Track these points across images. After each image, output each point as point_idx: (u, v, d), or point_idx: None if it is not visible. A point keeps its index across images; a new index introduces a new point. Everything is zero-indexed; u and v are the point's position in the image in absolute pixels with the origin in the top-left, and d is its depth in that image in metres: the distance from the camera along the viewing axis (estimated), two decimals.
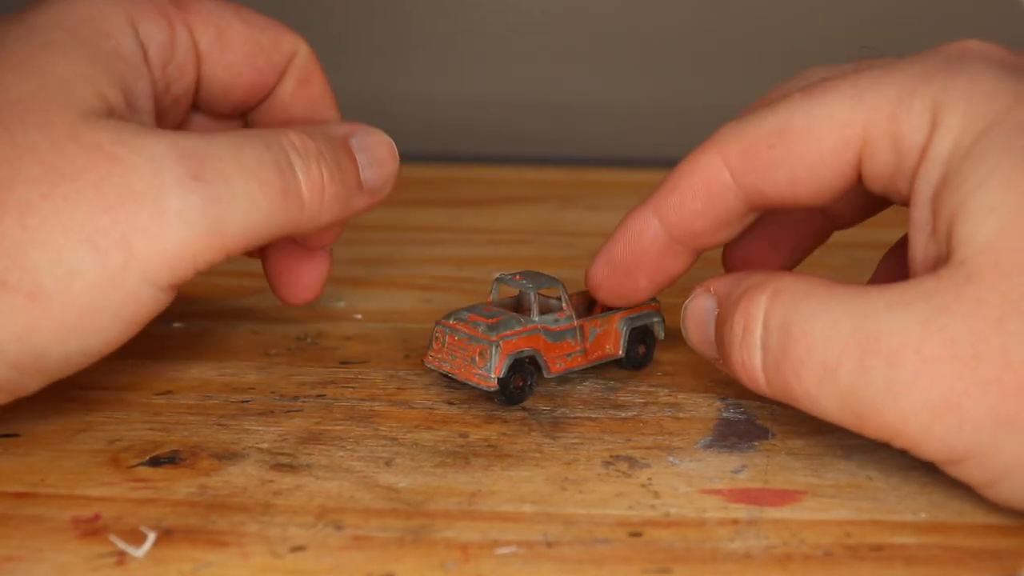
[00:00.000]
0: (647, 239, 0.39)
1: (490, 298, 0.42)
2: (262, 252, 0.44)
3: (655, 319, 0.42)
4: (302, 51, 0.42)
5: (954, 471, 0.32)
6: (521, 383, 0.39)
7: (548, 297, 0.41)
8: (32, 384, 0.35)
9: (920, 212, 0.33)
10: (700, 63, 0.74)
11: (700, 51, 0.74)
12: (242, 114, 0.43)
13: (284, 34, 0.42)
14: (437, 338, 0.40)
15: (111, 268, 0.33)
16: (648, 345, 0.42)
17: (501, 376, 0.39)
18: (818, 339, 0.32)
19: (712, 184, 0.37)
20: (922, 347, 0.31)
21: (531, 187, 0.68)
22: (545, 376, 0.40)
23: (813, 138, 0.35)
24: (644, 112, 0.73)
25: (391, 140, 0.40)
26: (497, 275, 0.42)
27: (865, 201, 0.40)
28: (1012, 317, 0.30)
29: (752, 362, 0.34)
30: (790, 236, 0.42)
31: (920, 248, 0.34)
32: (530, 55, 0.75)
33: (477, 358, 0.39)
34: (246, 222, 0.35)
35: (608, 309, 0.42)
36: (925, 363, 0.31)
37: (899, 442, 0.32)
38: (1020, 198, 0.31)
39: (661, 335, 0.43)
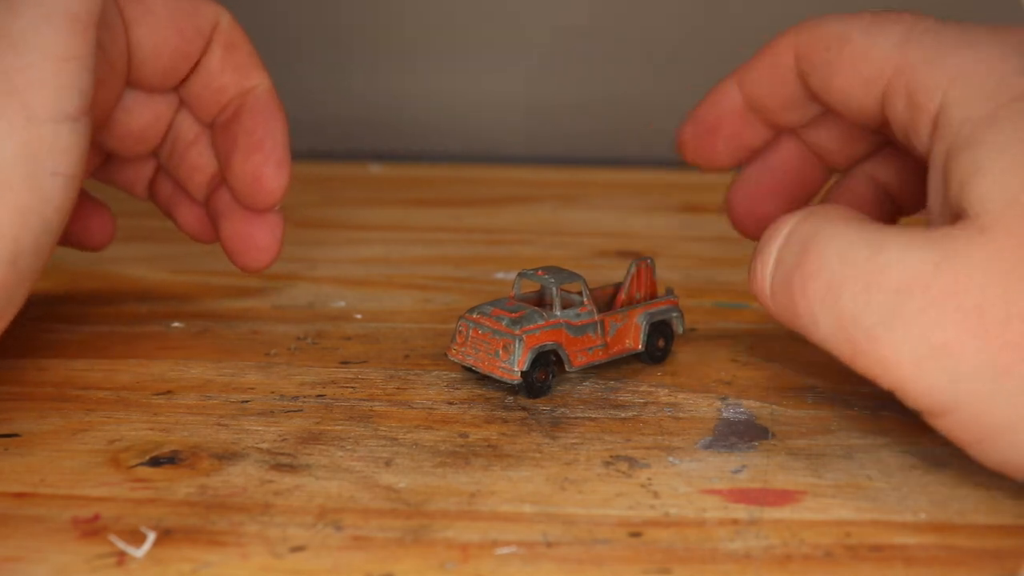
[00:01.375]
0: (726, 102, 0.42)
1: (512, 293, 0.42)
2: (214, 222, 0.45)
3: (674, 314, 0.43)
4: (225, 18, 0.43)
5: (940, 424, 0.32)
6: (544, 376, 0.40)
7: (569, 292, 0.42)
8: (18, 297, 0.35)
9: (935, 175, 0.35)
10: (700, 63, 0.74)
11: (700, 51, 0.74)
12: (173, 87, 0.43)
13: (203, 2, 0.42)
14: (461, 332, 0.41)
15: (20, 124, 0.34)
16: (667, 339, 0.43)
17: (524, 369, 0.39)
18: (830, 258, 0.33)
19: (780, 64, 0.40)
20: (930, 286, 0.31)
21: (531, 187, 0.68)
22: (567, 370, 0.41)
23: (857, 58, 0.37)
24: (644, 112, 0.73)
25: None
26: (520, 270, 0.42)
27: (917, 180, 0.42)
28: (1020, 272, 0.30)
29: (764, 271, 0.35)
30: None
31: (937, 211, 0.35)
32: (530, 55, 0.75)
33: (501, 351, 0.39)
34: None
35: (629, 304, 0.43)
36: (931, 302, 0.31)
37: (887, 379, 0.32)
38: None
39: (680, 329, 0.43)
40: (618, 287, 0.43)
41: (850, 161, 0.43)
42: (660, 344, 0.43)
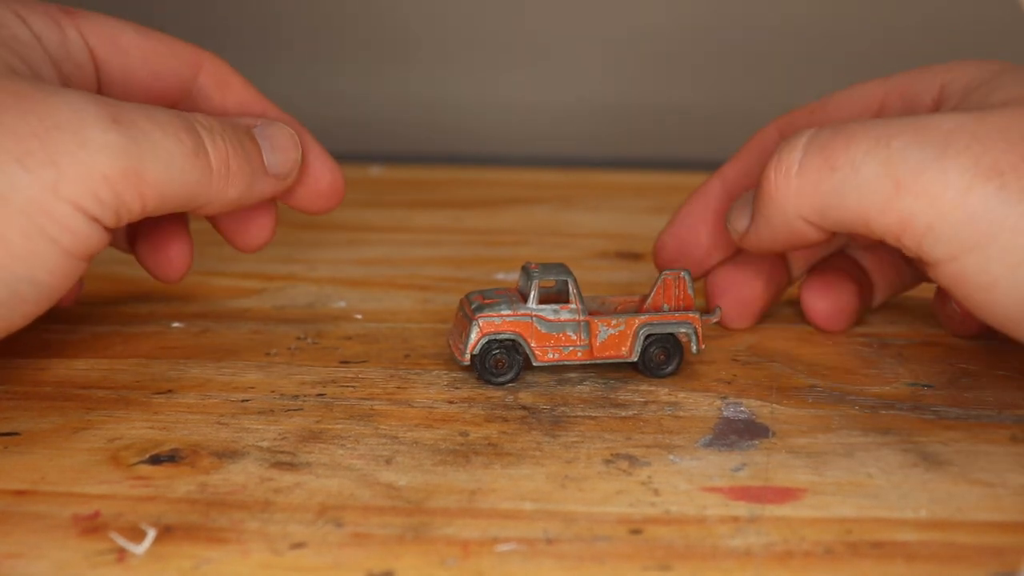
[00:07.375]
0: (710, 196, 0.45)
1: (518, 284, 0.43)
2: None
3: (683, 329, 0.41)
4: (209, 59, 0.44)
5: (955, 268, 0.34)
6: (501, 364, 0.41)
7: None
8: None
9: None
10: (699, 65, 0.74)
11: (700, 53, 0.74)
12: None
13: (183, 45, 0.43)
14: (455, 313, 0.43)
15: (42, 186, 0.34)
16: (670, 353, 0.42)
17: (474, 353, 0.41)
18: (869, 127, 0.36)
19: (765, 144, 0.44)
20: (977, 130, 0.34)
21: (530, 188, 0.68)
22: (533, 363, 0.41)
23: (842, 105, 0.43)
24: (644, 112, 0.74)
25: (293, 132, 0.42)
26: (525, 263, 0.43)
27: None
28: None
29: (790, 159, 0.37)
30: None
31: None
32: (530, 57, 0.75)
33: (463, 334, 0.41)
34: (162, 170, 0.36)
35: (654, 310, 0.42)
36: (977, 138, 0.34)
37: (926, 214, 0.34)
38: None
39: (693, 348, 0.42)
40: (645, 297, 0.42)
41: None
42: (660, 357, 0.41)
